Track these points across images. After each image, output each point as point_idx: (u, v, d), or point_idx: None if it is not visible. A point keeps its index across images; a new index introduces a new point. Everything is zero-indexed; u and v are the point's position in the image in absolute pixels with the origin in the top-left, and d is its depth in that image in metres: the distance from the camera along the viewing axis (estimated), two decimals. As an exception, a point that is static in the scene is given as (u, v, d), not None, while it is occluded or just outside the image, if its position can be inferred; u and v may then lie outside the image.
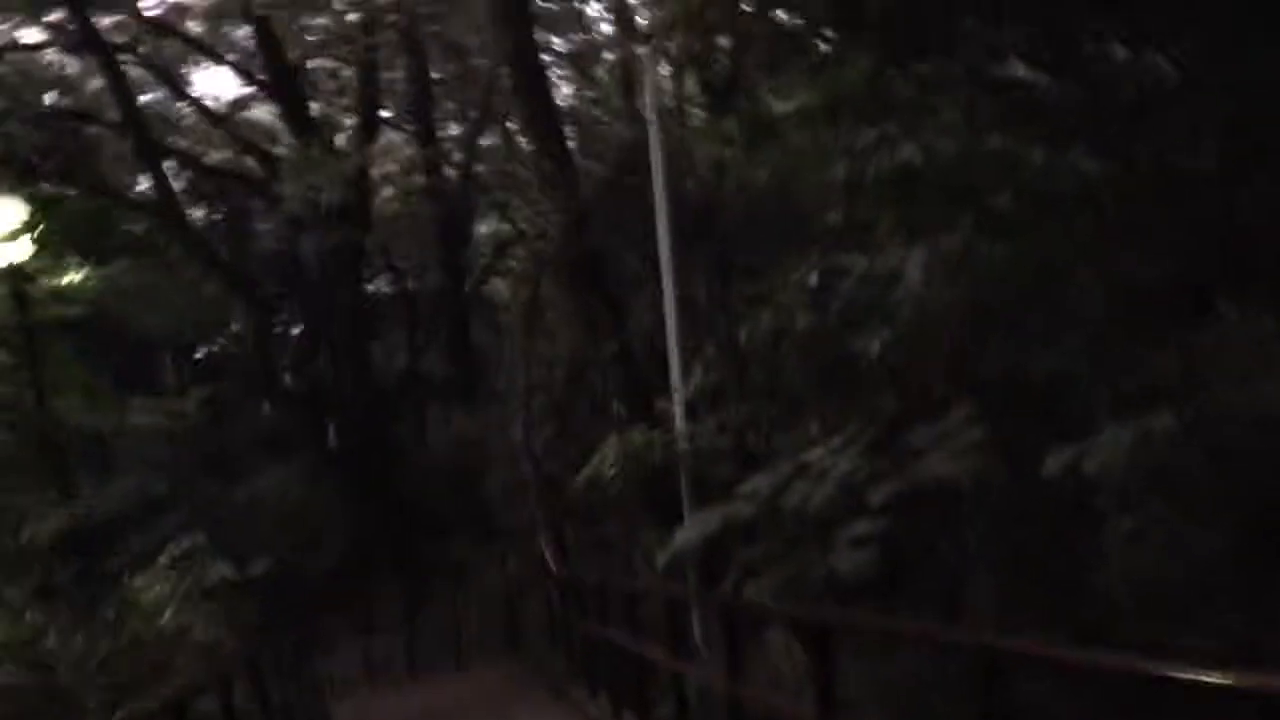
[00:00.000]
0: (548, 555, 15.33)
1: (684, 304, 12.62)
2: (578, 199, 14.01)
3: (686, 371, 11.83)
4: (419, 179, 25.61)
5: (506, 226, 18.06)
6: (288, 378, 25.58)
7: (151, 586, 9.70)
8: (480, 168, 23.73)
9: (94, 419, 15.91)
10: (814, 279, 7.47)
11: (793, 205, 12.69)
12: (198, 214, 26.88)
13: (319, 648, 17.79)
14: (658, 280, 13.19)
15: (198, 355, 26.52)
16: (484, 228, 25.43)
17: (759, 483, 7.65)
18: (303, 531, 21.16)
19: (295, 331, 26.11)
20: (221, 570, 12.43)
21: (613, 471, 11.20)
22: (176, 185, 24.28)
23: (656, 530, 12.20)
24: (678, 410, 11.59)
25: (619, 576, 11.01)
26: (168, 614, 9.31)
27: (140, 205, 23.13)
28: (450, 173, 25.28)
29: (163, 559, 11.21)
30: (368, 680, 17.20)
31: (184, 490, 21.88)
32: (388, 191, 27.75)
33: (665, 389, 12.26)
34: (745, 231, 13.94)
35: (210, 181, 26.39)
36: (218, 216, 27.34)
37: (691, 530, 7.21)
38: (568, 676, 13.13)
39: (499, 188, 22.32)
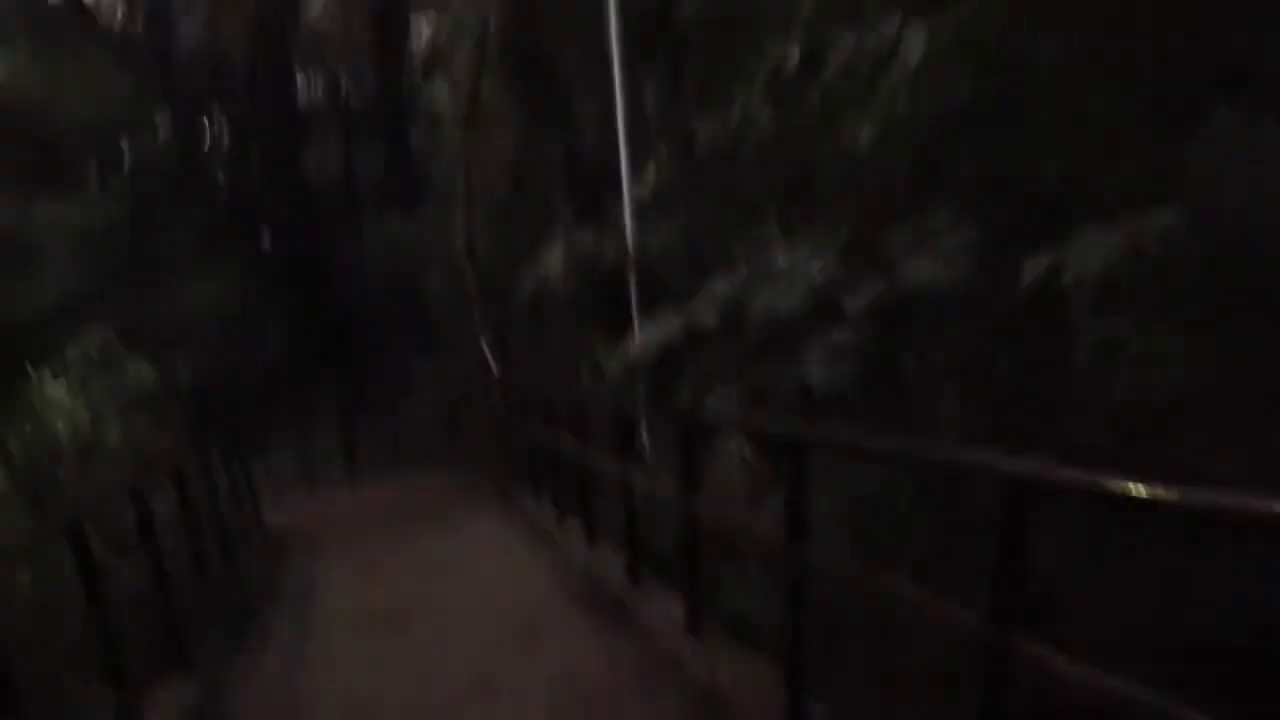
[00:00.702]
0: (490, 361, 14.85)
1: (635, 103, 11.86)
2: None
3: (637, 174, 11.15)
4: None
5: (447, 24, 16.83)
6: (218, 180, 24.41)
7: (62, 392, 9.00)
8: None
9: None
10: (792, 61, 6.67)
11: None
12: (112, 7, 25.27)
13: (254, 453, 17.33)
14: (607, 78, 12.38)
15: (122, 154, 25.00)
16: (424, 25, 23.94)
17: (719, 287, 7.10)
18: (236, 336, 20.47)
19: (222, 135, 24.73)
20: (142, 373, 11.71)
21: (560, 275, 10.59)
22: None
23: (605, 337, 11.73)
24: (627, 212, 10.96)
25: (565, 384, 10.53)
26: (80, 421, 8.66)
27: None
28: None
29: (74, 360, 10.42)
30: (305, 485, 16.83)
31: (109, 292, 20.93)
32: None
33: (614, 193, 11.58)
34: (703, 27, 13.05)
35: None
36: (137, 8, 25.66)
37: (647, 335, 6.67)
38: (511, 483, 12.83)
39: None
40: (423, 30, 23.41)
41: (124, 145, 23.43)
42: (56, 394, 8.95)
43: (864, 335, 5.67)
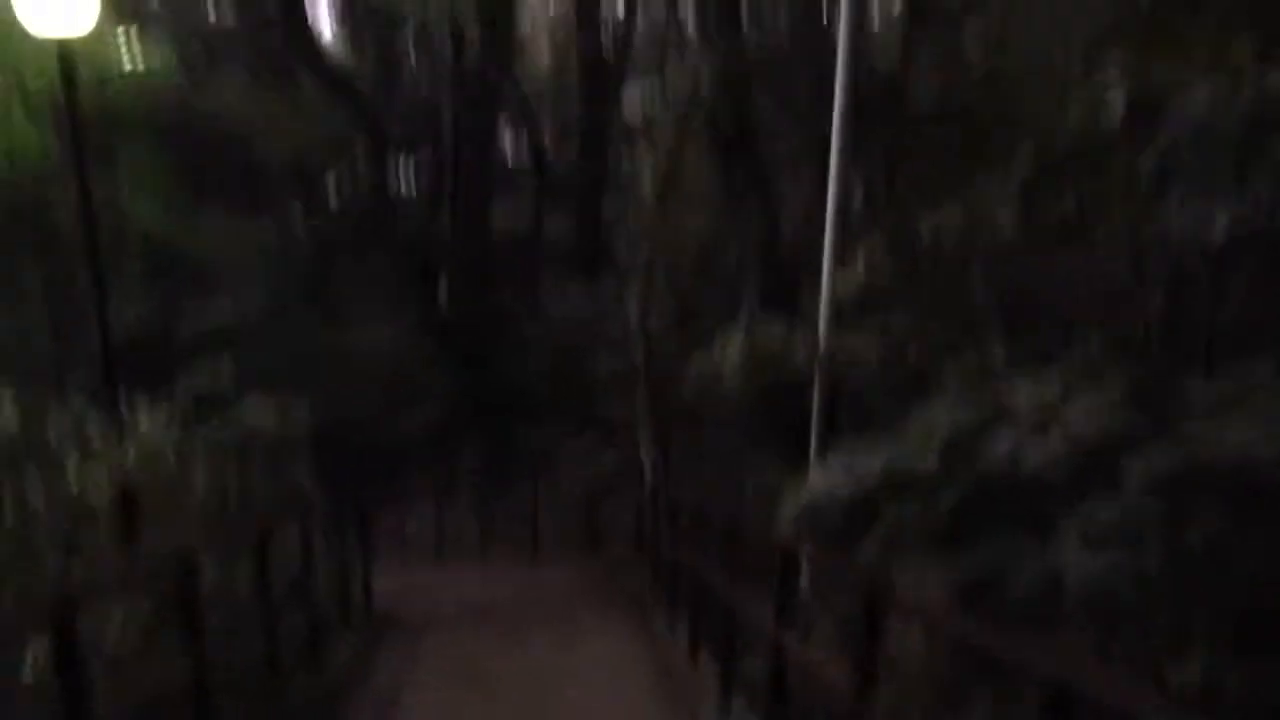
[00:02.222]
0: (645, 457, 13.36)
1: (846, 194, 10.35)
2: (740, 59, 11.68)
3: (839, 269, 9.59)
4: (570, 33, 23.61)
5: (657, 93, 15.80)
6: (408, 227, 23.90)
7: (156, 427, 7.93)
8: (639, 24, 21.28)
9: (166, 225, 14.12)
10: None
11: (1001, 89, 10.24)
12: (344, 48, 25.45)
13: (386, 518, 16.25)
14: (820, 163, 10.93)
15: (323, 189, 24.82)
16: (635, 94, 23.08)
17: (937, 418, 5.42)
18: (393, 389, 19.61)
19: (419, 182, 24.33)
20: (258, 416, 10.65)
21: (734, 371, 9.04)
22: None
23: (777, 456, 10.11)
24: (823, 312, 9.37)
25: (724, 502, 8.94)
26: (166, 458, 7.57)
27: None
28: (605, 31, 23.09)
29: (183, 392, 9.36)
30: (433, 559, 15.58)
31: (280, 323, 20.40)
32: (536, 46, 25.78)
33: (810, 289, 10.04)
34: (932, 121, 11.50)
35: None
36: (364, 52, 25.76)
37: (836, 475, 5.05)
38: (647, 596, 11.23)
39: (656, 46, 19.84)
40: (633, 97, 22.61)
41: (325, 181, 23.21)
42: (148, 430, 7.88)
43: (1147, 515, 3.93)
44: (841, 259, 9.58)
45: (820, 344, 9.22)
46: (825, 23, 12.00)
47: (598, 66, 21.85)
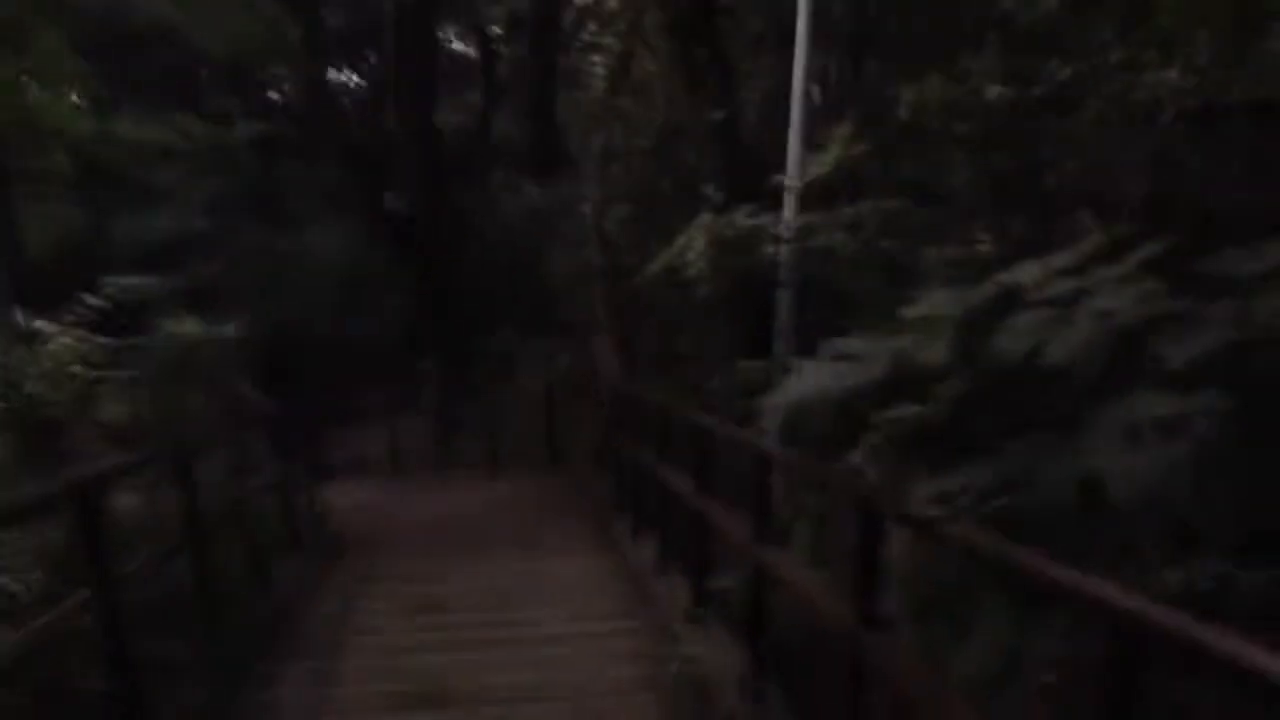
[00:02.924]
0: (605, 358, 12.67)
1: (815, 72, 9.52)
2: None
3: (810, 156, 8.82)
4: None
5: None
6: (351, 131, 22.75)
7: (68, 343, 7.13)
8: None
9: (88, 126, 13.01)
10: None
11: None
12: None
13: (342, 431, 15.55)
14: (783, 42, 10.09)
15: (259, 90, 23.52)
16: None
17: (940, 301, 4.71)
18: (346, 296, 18.75)
19: (361, 76, 23.12)
20: (186, 330, 9.85)
21: (698, 262, 8.30)
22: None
23: (746, 351, 9.43)
24: (789, 199, 8.62)
25: (689, 404, 8.27)
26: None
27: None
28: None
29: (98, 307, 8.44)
30: (391, 473, 14.89)
31: (227, 232, 19.40)
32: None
33: (776, 177, 9.27)
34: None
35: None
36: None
37: (820, 372, 4.34)
38: (611, 508, 10.63)
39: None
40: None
41: (263, 80, 21.95)
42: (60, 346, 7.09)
43: (1207, 409, 3.28)
44: (810, 142, 8.81)
45: (787, 230, 8.49)
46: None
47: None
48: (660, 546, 8.37)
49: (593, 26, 13.66)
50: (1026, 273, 4.62)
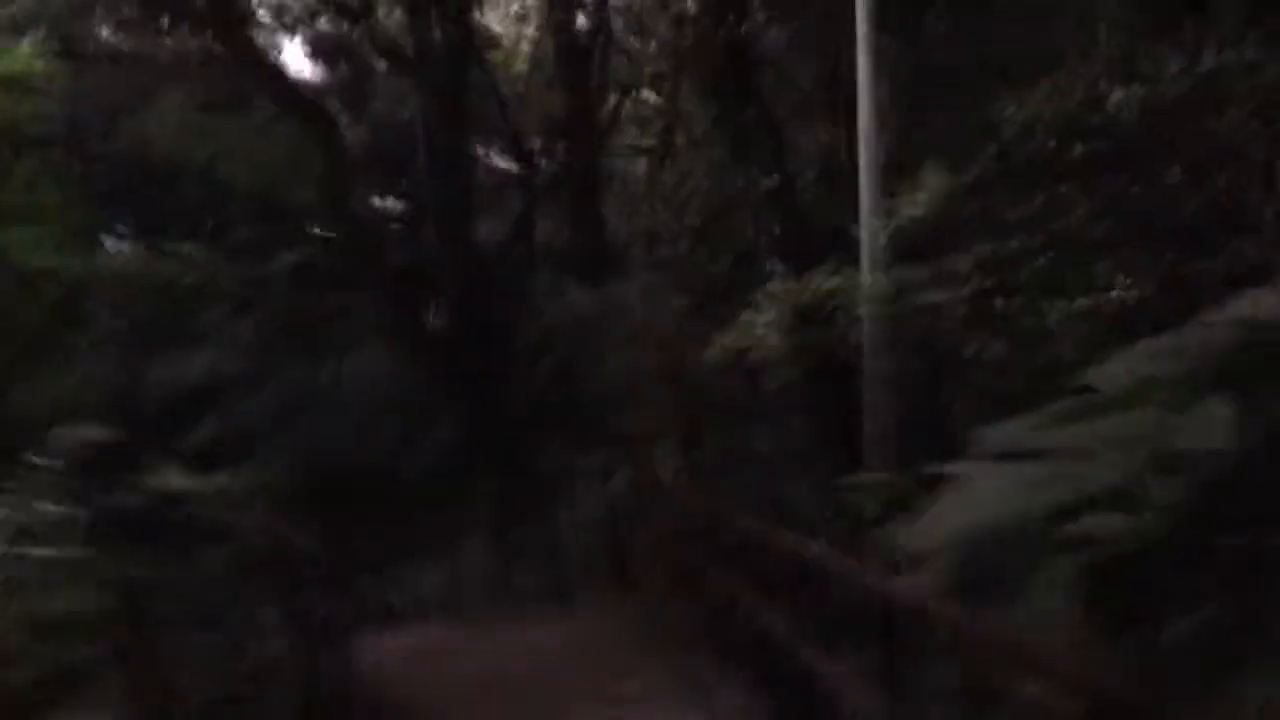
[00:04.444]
0: (668, 471, 11.03)
1: (880, 119, 8.01)
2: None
3: (886, 203, 7.26)
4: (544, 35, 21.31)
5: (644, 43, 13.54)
6: (391, 255, 21.62)
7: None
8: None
9: (69, 262, 11.77)
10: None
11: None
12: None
13: (391, 569, 14.02)
14: (835, 91, 8.65)
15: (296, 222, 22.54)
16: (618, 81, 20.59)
17: (1139, 359, 3.06)
18: (393, 425, 17.42)
19: (396, 198, 22.07)
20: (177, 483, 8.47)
21: (769, 338, 6.64)
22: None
23: (828, 443, 7.78)
24: (866, 254, 7.00)
25: (777, 521, 6.63)
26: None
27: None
28: (581, 21, 20.76)
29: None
30: (447, 612, 13.22)
31: (265, 369, 18.26)
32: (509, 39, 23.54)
33: (843, 240, 7.70)
34: (973, 21, 9.12)
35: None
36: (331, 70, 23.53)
37: (1004, 486, 2.70)
38: (691, 644, 8.87)
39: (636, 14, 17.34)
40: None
41: (296, 209, 20.91)
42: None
43: None
44: (883, 192, 7.25)
45: (873, 290, 6.86)
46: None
47: (576, 50, 19.52)
48: (755, 695, 6.65)
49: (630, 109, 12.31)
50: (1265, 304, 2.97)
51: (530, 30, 23.29)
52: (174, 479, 8.50)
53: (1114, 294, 6.10)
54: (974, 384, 7.37)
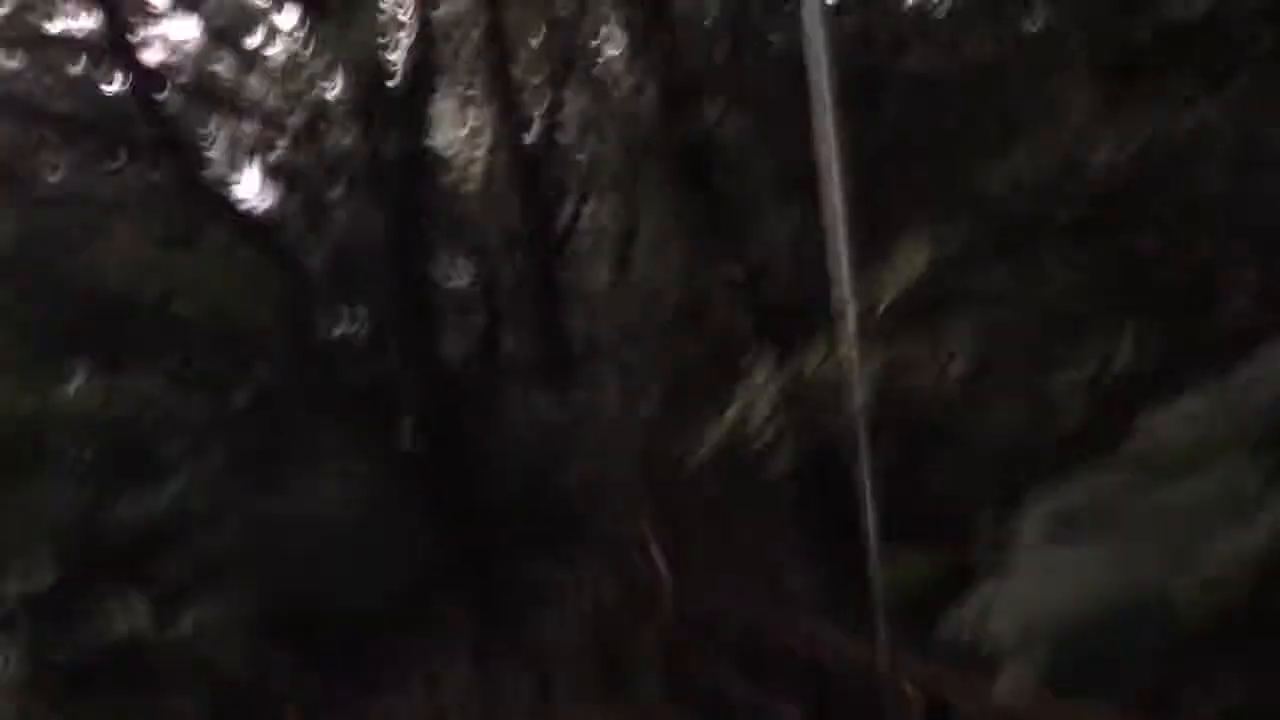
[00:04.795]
0: (659, 570, 10.63)
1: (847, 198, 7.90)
2: (679, 58, 9.32)
3: (866, 274, 7.09)
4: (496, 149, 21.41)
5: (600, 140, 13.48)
6: (353, 376, 21.26)
7: None
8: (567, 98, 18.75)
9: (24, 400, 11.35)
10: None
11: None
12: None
13: (368, 704, 13.39)
14: (790, 168, 8.59)
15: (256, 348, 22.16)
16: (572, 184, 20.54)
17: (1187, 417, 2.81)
18: (363, 551, 16.86)
19: (357, 320, 21.75)
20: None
21: (765, 430, 6.35)
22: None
23: (831, 540, 7.49)
24: (850, 327, 6.76)
25: (783, 619, 6.28)
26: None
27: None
28: (532, 131, 20.85)
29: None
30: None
31: (228, 504, 17.67)
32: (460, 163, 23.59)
33: (824, 322, 7.49)
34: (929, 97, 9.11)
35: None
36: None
37: (1091, 565, 2.36)
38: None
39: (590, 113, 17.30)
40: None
41: (255, 336, 20.56)
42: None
43: None
44: (862, 267, 7.07)
45: (857, 369, 6.61)
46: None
47: (528, 161, 19.58)
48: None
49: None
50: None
51: (480, 150, 23.42)
52: (141, 620, 8.00)
53: (1115, 361, 5.90)
54: (973, 463, 7.13)
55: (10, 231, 13.36)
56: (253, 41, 21.25)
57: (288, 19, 19.93)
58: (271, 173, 22.69)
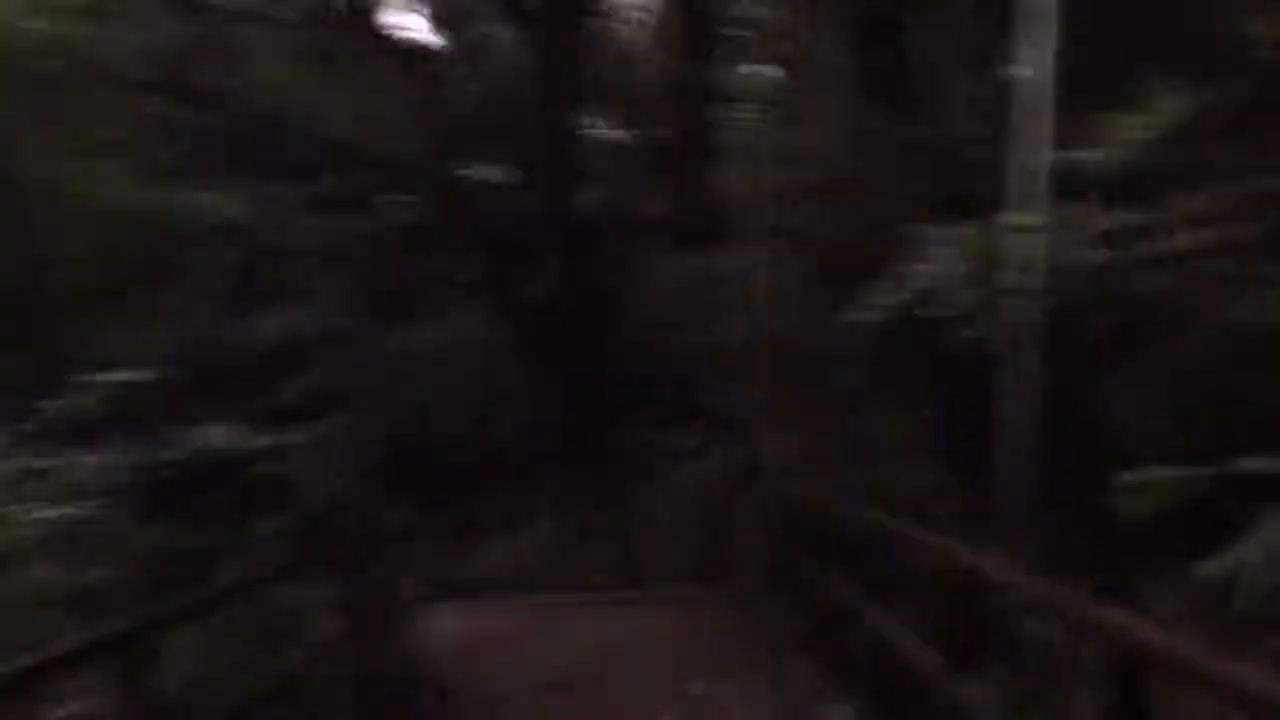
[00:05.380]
0: (776, 456, 9.81)
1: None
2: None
3: (1067, 151, 5.96)
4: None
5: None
6: (494, 221, 20.70)
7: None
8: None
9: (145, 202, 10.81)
10: None
11: None
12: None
13: (465, 548, 13.07)
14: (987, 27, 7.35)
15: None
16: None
17: None
18: (481, 394, 16.50)
19: (502, 161, 21.08)
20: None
21: (963, 293, 5.25)
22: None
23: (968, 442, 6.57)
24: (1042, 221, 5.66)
25: (897, 516, 5.45)
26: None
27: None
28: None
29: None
30: (518, 596, 12.13)
31: (355, 329, 17.47)
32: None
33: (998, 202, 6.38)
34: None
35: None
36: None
37: None
38: (794, 651, 7.67)
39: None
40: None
41: (399, 166, 20.09)
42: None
43: None
44: (1068, 138, 5.92)
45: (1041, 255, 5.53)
46: None
47: (693, 14, 18.38)
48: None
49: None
50: None
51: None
52: (221, 435, 7.57)
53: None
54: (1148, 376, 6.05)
55: (166, 43, 12.89)
56: None
57: None
58: (436, 9, 22.03)
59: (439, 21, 22.58)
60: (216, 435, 7.79)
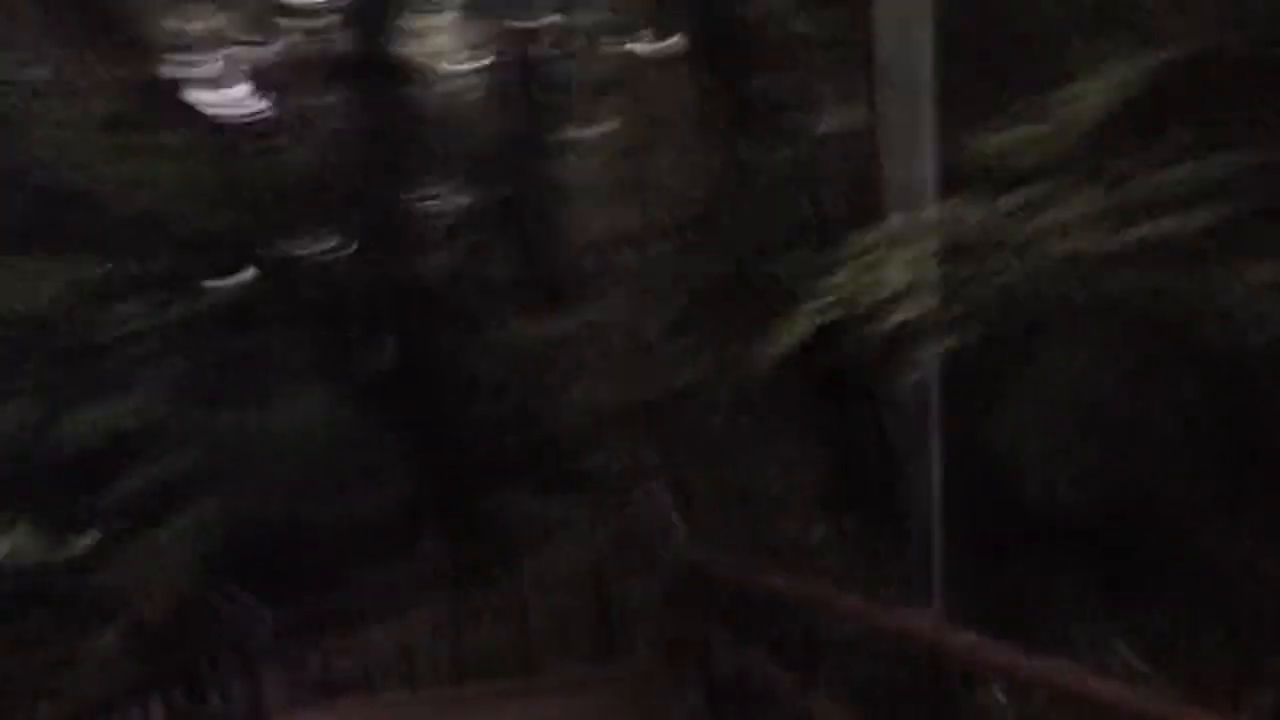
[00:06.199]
0: (657, 516, 9.09)
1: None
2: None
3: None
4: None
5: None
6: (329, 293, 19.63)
7: None
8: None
9: None
10: None
11: None
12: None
13: (329, 640, 11.98)
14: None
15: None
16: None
17: None
18: (330, 474, 15.41)
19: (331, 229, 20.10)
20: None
21: (915, 292, 4.52)
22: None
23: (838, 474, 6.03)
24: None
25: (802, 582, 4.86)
26: None
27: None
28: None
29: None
30: (395, 689, 11.11)
31: (193, 416, 16.21)
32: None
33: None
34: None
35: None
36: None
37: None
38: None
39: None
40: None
41: (223, 241, 18.87)
42: None
43: None
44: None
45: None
46: None
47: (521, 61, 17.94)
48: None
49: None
50: None
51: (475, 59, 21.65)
52: (25, 544, 6.51)
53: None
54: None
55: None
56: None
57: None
58: (255, 76, 20.98)
59: (261, 89, 21.56)
60: (21, 544, 6.69)
